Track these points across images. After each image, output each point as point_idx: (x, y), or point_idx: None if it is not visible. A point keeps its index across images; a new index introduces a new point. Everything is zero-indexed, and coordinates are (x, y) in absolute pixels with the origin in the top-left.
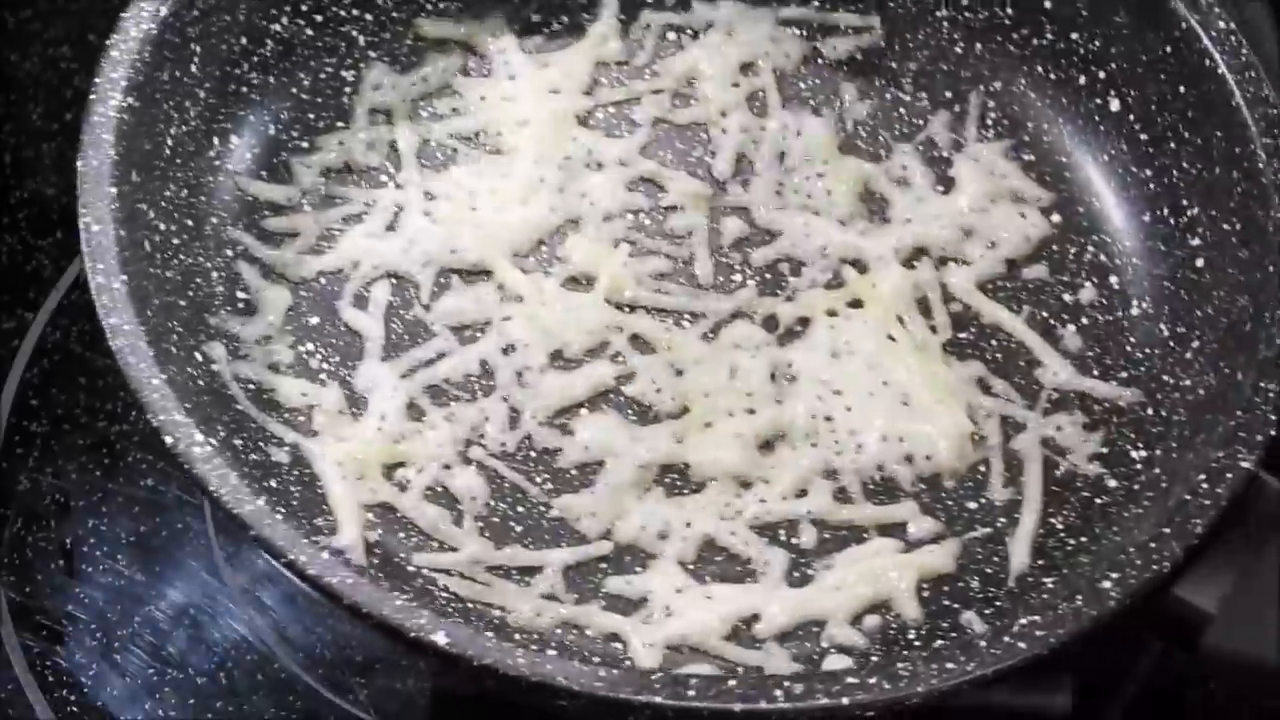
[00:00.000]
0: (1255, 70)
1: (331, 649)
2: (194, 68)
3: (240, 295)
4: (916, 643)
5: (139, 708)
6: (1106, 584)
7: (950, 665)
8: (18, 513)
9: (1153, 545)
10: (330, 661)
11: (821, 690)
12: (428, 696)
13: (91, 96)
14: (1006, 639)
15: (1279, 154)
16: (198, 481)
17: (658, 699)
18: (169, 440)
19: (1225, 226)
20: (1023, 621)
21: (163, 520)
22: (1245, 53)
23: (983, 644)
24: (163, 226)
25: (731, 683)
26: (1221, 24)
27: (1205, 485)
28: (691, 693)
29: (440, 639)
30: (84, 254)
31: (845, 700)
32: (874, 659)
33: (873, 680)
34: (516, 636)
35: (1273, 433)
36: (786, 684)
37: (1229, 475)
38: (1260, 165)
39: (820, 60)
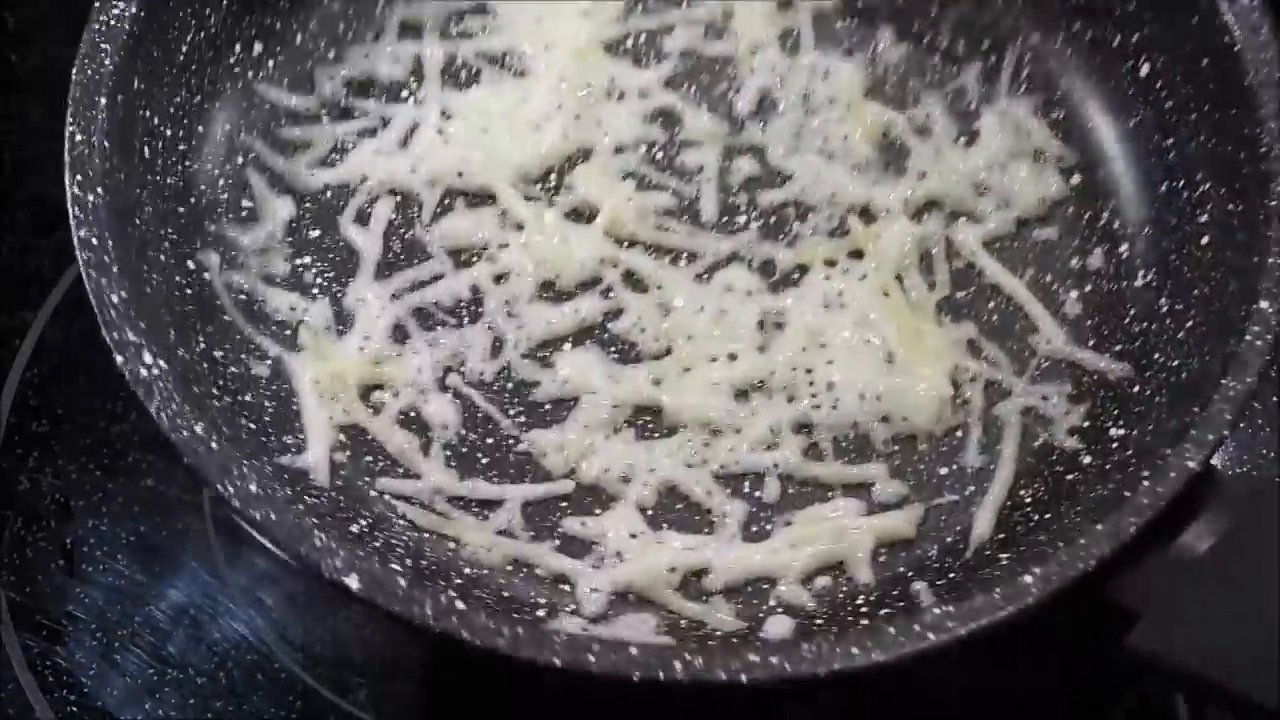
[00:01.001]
0: (1271, 50)
1: (331, 649)
2: None
3: (245, 204)
4: (864, 609)
5: (139, 708)
6: (1028, 579)
7: (854, 649)
8: (18, 513)
9: (1082, 542)
10: (330, 661)
11: (720, 665)
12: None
13: (94, 5)
14: (916, 627)
15: None
16: (142, 400)
17: (556, 660)
18: (119, 359)
19: (1229, 206)
20: (935, 611)
21: (163, 520)
22: (1264, 31)
23: (890, 630)
24: (168, 132)
25: (632, 650)
26: (1244, 0)
27: (1147, 483)
28: (591, 658)
29: (352, 582)
30: (65, 164)
31: (743, 678)
32: (818, 622)
33: (774, 659)
34: (466, 571)
35: (1226, 433)
36: (687, 656)
37: (1173, 474)
38: (1263, 150)
39: (861, 3)
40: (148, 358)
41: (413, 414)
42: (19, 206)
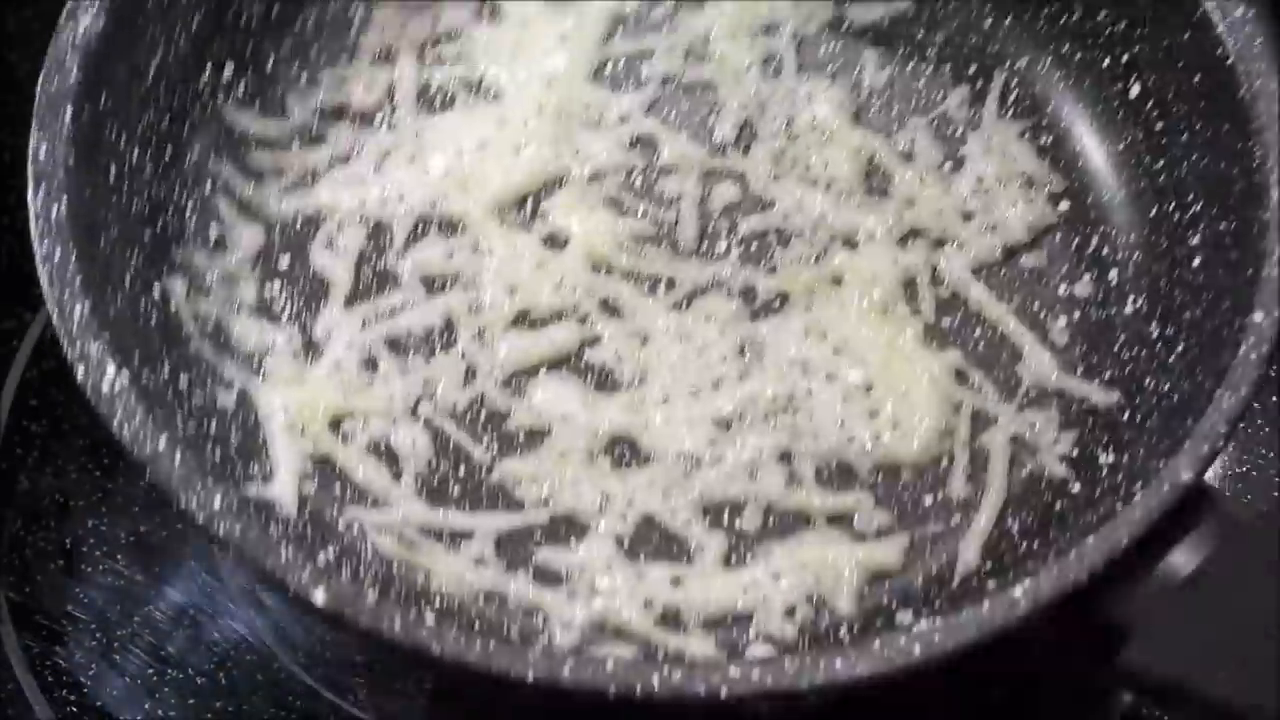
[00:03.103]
0: (1266, 61)
1: (331, 649)
2: None
3: (213, 230)
4: (846, 639)
5: (139, 708)
6: (1017, 591)
7: (839, 663)
8: (18, 513)
9: (1073, 555)
10: (330, 661)
11: (700, 679)
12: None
13: (61, 17)
14: (902, 641)
15: None
16: (100, 417)
17: (529, 675)
18: (79, 373)
19: (1222, 225)
20: (922, 625)
21: (163, 520)
22: (1259, 42)
23: (875, 644)
24: (135, 155)
25: (608, 665)
26: (1239, 11)
27: (1140, 496)
28: (566, 672)
29: (318, 597)
30: (29, 176)
31: (724, 692)
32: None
33: (755, 673)
34: (436, 601)
35: (1221, 445)
36: (666, 670)
37: (1166, 488)
38: (1257, 162)
39: (845, 27)
40: (110, 371)
41: (383, 444)
42: (19, 206)
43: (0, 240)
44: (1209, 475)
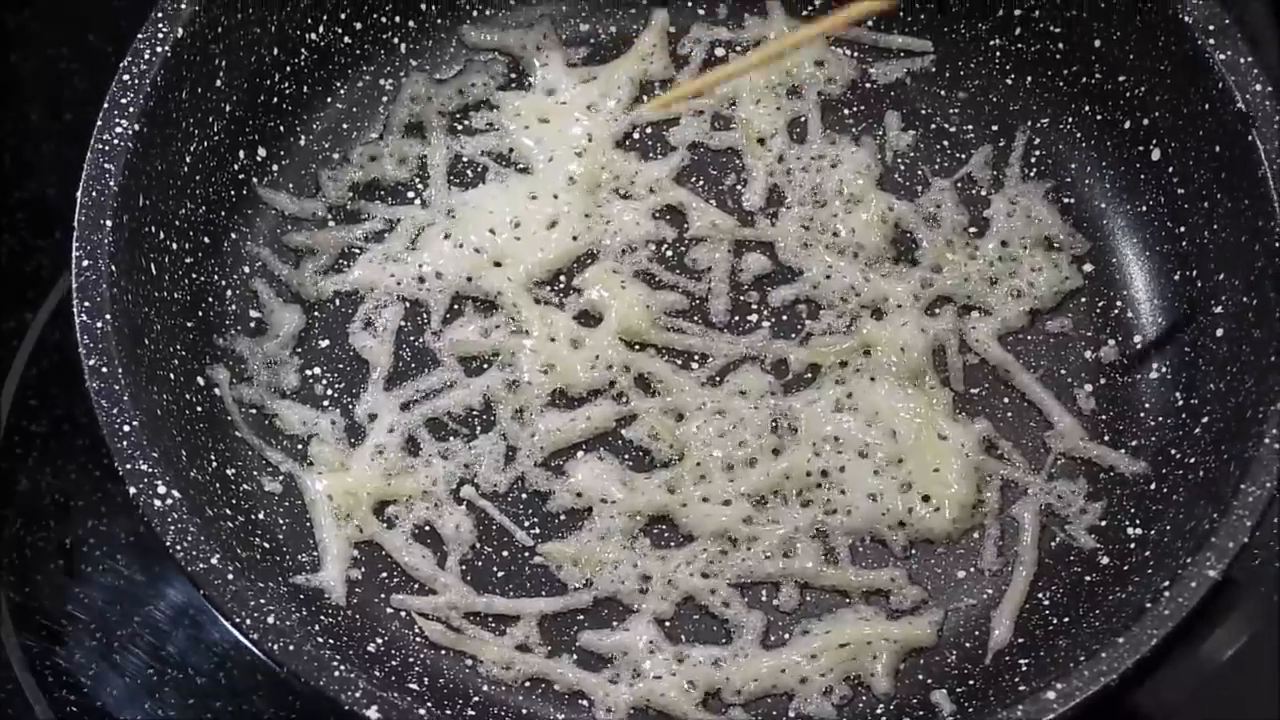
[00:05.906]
0: None
1: None
2: (219, 82)
3: (253, 314)
4: (883, 718)
5: (139, 708)
6: (1050, 695)
7: None
8: (18, 513)
9: (1103, 655)
10: None
11: None
12: None
13: (98, 124)
14: None
15: None
16: (157, 532)
17: None
18: (132, 490)
19: (1244, 299)
20: None
21: None
22: (1279, 120)
23: None
24: (174, 246)
25: None
26: (1258, 86)
27: (1168, 593)
28: None
29: (372, 714)
30: (72, 290)
31: None
32: None
33: None
34: (484, 689)
35: (1245, 540)
36: None
37: (1194, 584)
38: (1277, 244)
39: (868, 84)
40: (161, 489)
41: (427, 528)
42: (19, 207)
43: (0, 240)
44: None
